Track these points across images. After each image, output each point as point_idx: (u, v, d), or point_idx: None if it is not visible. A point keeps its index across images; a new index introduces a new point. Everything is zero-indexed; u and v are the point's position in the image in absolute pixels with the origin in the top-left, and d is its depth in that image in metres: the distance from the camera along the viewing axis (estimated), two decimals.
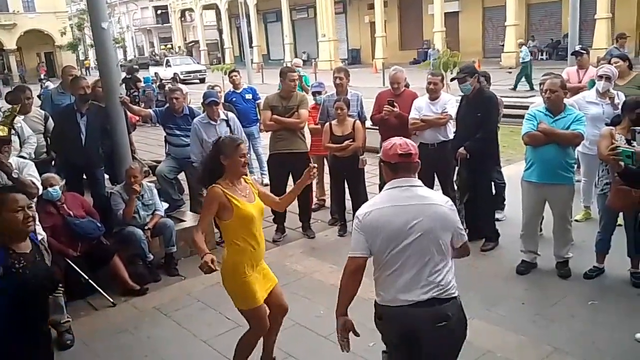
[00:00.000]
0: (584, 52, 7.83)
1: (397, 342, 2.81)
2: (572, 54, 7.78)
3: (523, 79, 17.95)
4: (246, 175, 3.49)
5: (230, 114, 6.29)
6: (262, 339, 3.65)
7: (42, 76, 37.44)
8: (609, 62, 6.40)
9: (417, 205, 2.69)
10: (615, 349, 3.81)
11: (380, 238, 2.68)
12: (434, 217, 2.68)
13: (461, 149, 5.39)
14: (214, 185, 3.33)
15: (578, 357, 3.74)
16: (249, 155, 6.92)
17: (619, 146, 4.03)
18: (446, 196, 5.75)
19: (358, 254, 2.73)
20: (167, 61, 35.20)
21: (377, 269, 2.77)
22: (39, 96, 10.29)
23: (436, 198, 2.79)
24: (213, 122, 5.95)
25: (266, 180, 7.24)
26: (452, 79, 5.82)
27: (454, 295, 2.74)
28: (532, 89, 16.66)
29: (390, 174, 2.78)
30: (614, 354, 3.75)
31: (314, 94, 7.24)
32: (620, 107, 4.95)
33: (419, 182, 2.80)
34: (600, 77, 5.74)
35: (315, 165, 3.70)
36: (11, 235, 2.89)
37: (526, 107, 5.92)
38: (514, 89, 17.66)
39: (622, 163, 3.94)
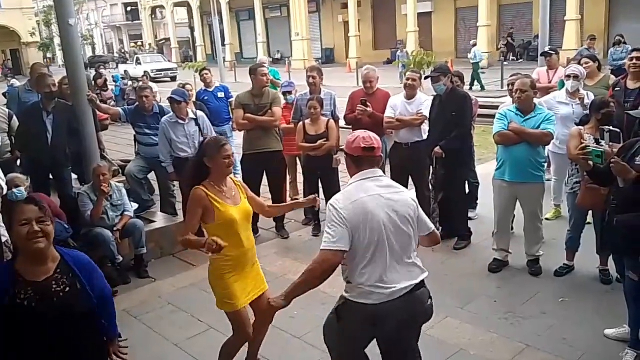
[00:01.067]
0: (553, 52, 7.95)
1: (367, 336, 2.85)
2: (541, 55, 7.91)
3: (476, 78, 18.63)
4: (231, 175, 3.40)
5: (200, 113, 6.19)
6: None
7: (1, 74, 36.37)
8: (579, 62, 6.50)
9: (391, 194, 2.75)
10: (585, 344, 3.86)
11: (363, 229, 2.65)
12: (406, 204, 2.76)
13: (437, 148, 5.40)
14: (197, 187, 3.25)
15: (549, 353, 3.78)
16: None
17: (588, 146, 4.09)
18: (420, 195, 5.80)
19: (341, 246, 2.63)
20: (137, 59, 34.61)
21: (353, 263, 2.70)
22: (4, 94, 10.00)
23: (401, 186, 2.87)
24: (181, 121, 5.85)
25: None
26: (425, 77, 5.84)
27: (422, 279, 2.83)
28: (482, 89, 17.86)
29: (354, 167, 2.81)
30: (584, 349, 3.79)
31: (284, 93, 7.18)
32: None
33: (384, 175, 2.87)
34: (568, 76, 5.83)
35: (317, 198, 3.70)
36: (23, 254, 2.42)
37: (497, 107, 5.97)
38: (482, 88, 18.22)
39: (591, 162, 3.99)
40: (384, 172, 2.94)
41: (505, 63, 21.07)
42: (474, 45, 20.46)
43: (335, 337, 2.96)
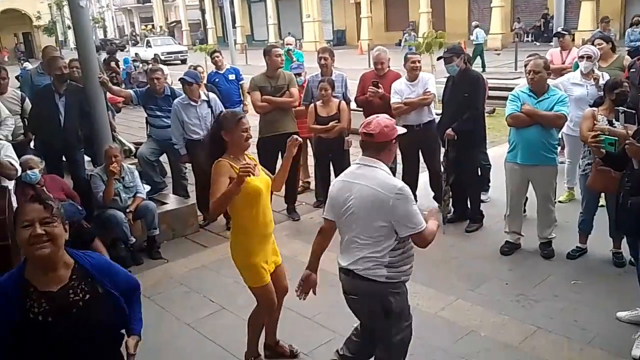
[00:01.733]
0: (566, 33, 7.82)
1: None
2: (554, 35, 7.78)
3: (478, 59, 18.36)
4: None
5: (212, 95, 6.18)
6: None
7: (6, 58, 36.38)
8: (592, 43, 6.40)
9: (358, 185, 2.79)
10: (597, 327, 3.85)
11: (333, 206, 2.93)
12: (367, 200, 2.76)
13: (449, 130, 5.35)
14: (220, 160, 3.20)
15: (560, 335, 3.77)
16: None
17: (602, 133, 4.04)
18: (433, 176, 5.77)
19: (327, 217, 3.00)
20: (148, 42, 34.69)
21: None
22: (17, 77, 10.04)
23: (379, 183, 2.75)
24: (193, 103, 5.84)
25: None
26: (438, 58, 5.77)
27: (371, 279, 2.80)
28: (483, 69, 17.65)
29: (361, 149, 2.90)
30: (596, 332, 3.78)
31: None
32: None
33: (377, 164, 2.81)
34: (582, 57, 5.75)
35: (299, 138, 3.52)
36: (30, 261, 2.08)
37: (511, 89, 5.89)
38: (483, 69, 18.01)
39: (603, 150, 3.95)
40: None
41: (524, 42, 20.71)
42: (476, 26, 20.21)
43: None
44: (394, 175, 6.77)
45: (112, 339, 2.25)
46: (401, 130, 2.90)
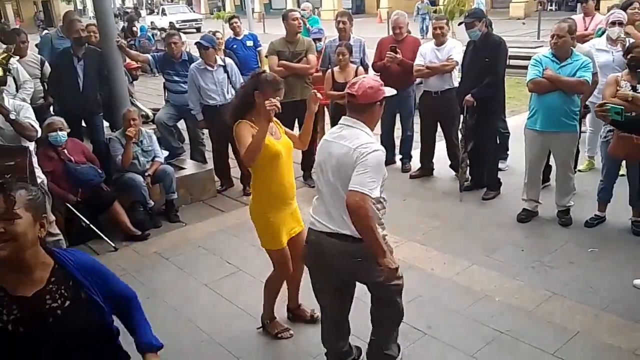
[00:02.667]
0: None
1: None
2: (577, 1, 7.57)
3: None
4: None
5: (228, 60, 6.15)
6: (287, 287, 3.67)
7: (18, 26, 36.49)
8: (625, 9, 6.20)
9: (334, 143, 2.77)
10: (614, 293, 3.83)
11: (317, 165, 2.89)
12: (340, 159, 2.70)
13: (468, 96, 5.27)
14: (241, 121, 3.17)
15: (576, 301, 3.77)
16: None
17: (607, 103, 3.97)
18: (449, 144, 5.70)
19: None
20: (163, 10, 34.90)
21: None
22: (36, 45, 10.07)
23: (354, 142, 2.67)
24: (210, 68, 5.82)
25: None
26: (459, 24, 5.67)
27: (342, 233, 2.75)
28: None
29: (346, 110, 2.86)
30: (612, 299, 3.77)
31: (313, 40, 7.06)
32: None
33: (358, 125, 2.74)
34: (613, 23, 5.58)
35: (318, 93, 3.36)
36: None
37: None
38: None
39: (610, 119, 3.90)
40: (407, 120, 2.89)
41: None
42: None
43: None
44: (411, 144, 6.68)
45: (94, 355, 1.94)
46: (389, 91, 2.83)
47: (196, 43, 5.83)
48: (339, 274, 2.89)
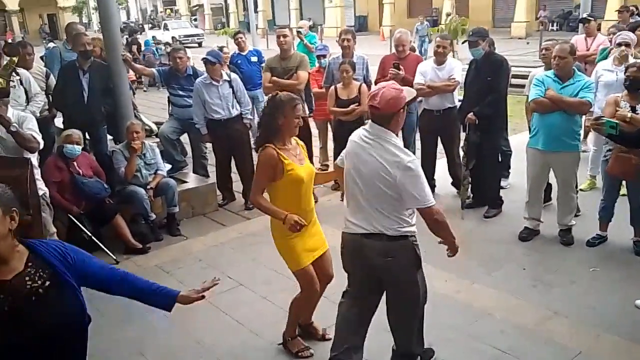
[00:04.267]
0: (592, 19, 7.69)
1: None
2: (579, 21, 7.65)
3: None
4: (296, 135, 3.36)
5: (234, 75, 6.20)
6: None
7: (9, 40, 36.74)
8: (634, 30, 6.27)
9: (366, 153, 2.89)
10: (615, 314, 3.82)
11: (346, 169, 3.00)
12: (374, 171, 2.87)
13: (470, 114, 5.31)
14: (267, 145, 3.19)
15: (577, 321, 3.76)
16: (252, 119, 6.87)
17: (602, 116, 4.04)
18: (450, 162, 5.74)
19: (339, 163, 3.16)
20: (165, 25, 35.67)
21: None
22: (41, 57, 10.15)
23: (382, 157, 2.83)
24: (215, 83, 5.87)
25: None
26: (463, 42, 5.71)
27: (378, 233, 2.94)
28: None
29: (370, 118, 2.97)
30: (613, 319, 3.76)
31: (318, 57, 7.12)
32: None
33: (384, 133, 2.86)
34: (619, 44, 5.63)
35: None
36: None
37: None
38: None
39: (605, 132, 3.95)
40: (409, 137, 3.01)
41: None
42: (449, 15, 20.15)
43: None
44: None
45: (74, 335, 2.07)
46: (410, 94, 2.92)
47: (203, 59, 5.87)
48: (376, 272, 3.03)
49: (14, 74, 4.49)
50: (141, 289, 2.25)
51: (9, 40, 36.23)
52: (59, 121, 6.34)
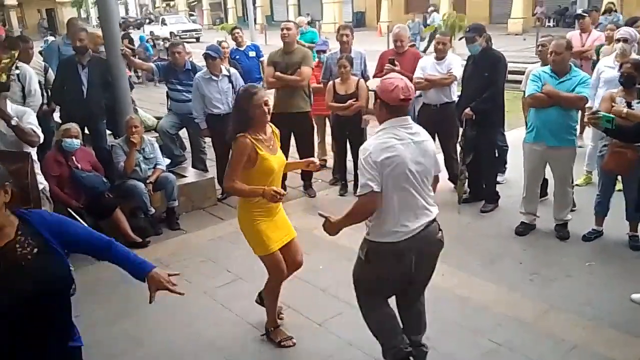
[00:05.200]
0: (586, 15, 7.71)
1: (393, 272, 2.99)
2: (574, 17, 7.67)
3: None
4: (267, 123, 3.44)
5: (233, 70, 6.21)
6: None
7: (3, 35, 36.64)
8: (631, 25, 6.29)
9: (420, 141, 2.88)
10: (611, 308, 3.86)
11: (393, 176, 2.78)
12: (432, 149, 2.97)
13: (467, 110, 5.34)
14: (241, 134, 3.28)
15: (573, 314, 3.80)
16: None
17: (599, 111, 4.07)
18: (447, 157, 5.79)
19: (374, 188, 2.75)
20: (163, 20, 35.63)
21: (386, 207, 2.84)
22: (40, 52, 10.14)
23: (424, 132, 2.99)
24: (215, 78, 5.88)
25: None
26: (460, 39, 5.75)
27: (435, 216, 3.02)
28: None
29: (387, 114, 2.87)
30: (609, 313, 3.80)
31: (318, 52, 7.14)
32: None
33: (411, 120, 2.94)
34: (618, 40, 5.64)
35: (316, 162, 3.77)
36: None
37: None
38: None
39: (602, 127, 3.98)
40: None
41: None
42: (433, 11, 21.09)
43: (365, 279, 3.10)
44: None
45: (60, 303, 2.17)
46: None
47: (204, 53, 5.87)
48: (437, 253, 3.08)
49: (14, 68, 4.47)
50: (121, 259, 2.37)
51: (2, 34, 36.19)
52: (56, 115, 6.36)
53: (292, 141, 6.30)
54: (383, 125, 2.88)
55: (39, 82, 5.82)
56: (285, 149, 6.20)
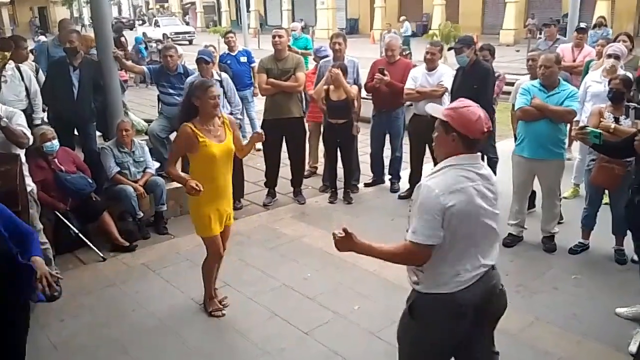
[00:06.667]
0: (587, 29, 7.77)
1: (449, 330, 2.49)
2: (576, 30, 7.67)
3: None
4: (218, 117, 3.76)
5: (224, 75, 6.19)
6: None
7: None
8: (615, 40, 6.36)
9: (489, 184, 2.42)
10: (596, 321, 3.89)
11: (457, 221, 2.31)
12: (497, 196, 2.48)
13: None
14: (185, 124, 3.64)
15: (559, 326, 3.82)
16: (241, 119, 6.89)
17: (587, 126, 4.12)
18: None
19: (435, 242, 2.31)
20: (156, 21, 35.59)
21: (439, 252, 2.35)
22: (31, 51, 10.08)
23: (494, 176, 2.52)
24: None
25: (259, 145, 6.67)
26: (449, 49, 5.80)
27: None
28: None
29: (463, 148, 2.37)
30: (594, 326, 3.82)
31: (319, 59, 7.15)
32: None
33: (480, 160, 2.47)
34: (609, 55, 5.70)
35: (262, 132, 4.09)
36: None
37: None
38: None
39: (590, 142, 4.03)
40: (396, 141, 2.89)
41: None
42: (404, 20, 22.20)
43: (415, 340, 2.55)
44: (400, 164, 6.77)
45: (15, 289, 2.49)
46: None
47: (197, 58, 5.84)
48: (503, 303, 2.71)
49: (5, 69, 4.44)
50: (27, 252, 2.59)
51: None
52: (45, 116, 6.31)
53: (284, 147, 6.32)
54: (450, 162, 2.38)
55: None
56: (276, 155, 6.26)
